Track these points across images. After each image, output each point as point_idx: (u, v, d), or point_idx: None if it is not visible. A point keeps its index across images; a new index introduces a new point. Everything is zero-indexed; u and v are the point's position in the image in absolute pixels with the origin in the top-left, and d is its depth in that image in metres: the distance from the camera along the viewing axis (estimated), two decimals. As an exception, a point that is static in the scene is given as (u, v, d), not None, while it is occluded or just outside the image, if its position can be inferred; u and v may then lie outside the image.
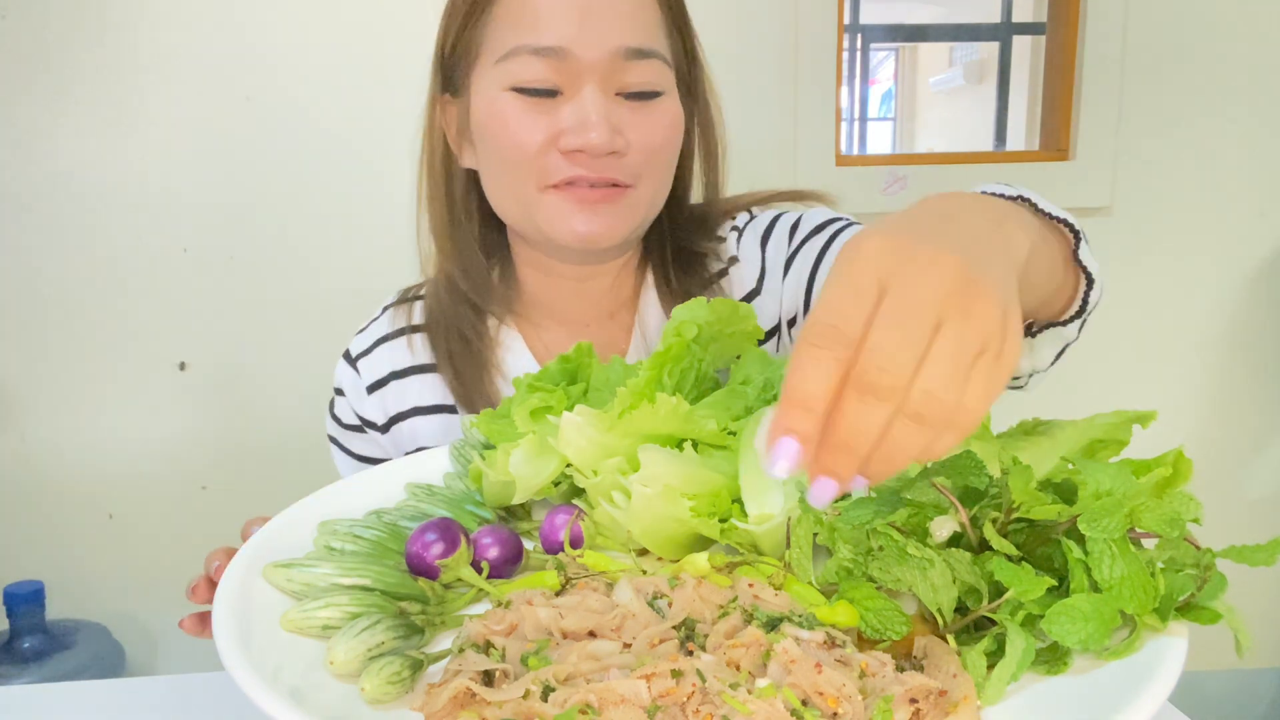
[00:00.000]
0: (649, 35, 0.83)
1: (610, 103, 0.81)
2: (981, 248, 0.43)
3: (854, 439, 0.39)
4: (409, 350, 0.96)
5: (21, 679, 1.67)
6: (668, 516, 0.59)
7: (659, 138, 0.83)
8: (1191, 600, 0.48)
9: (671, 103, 0.85)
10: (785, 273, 0.93)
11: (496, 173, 0.86)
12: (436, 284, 0.96)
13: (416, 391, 0.95)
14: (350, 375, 0.98)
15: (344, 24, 1.78)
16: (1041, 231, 0.54)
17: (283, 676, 0.48)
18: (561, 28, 0.79)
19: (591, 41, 0.79)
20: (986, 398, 0.39)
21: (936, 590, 0.49)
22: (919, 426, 0.39)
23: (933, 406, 0.38)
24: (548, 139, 0.81)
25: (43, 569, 1.84)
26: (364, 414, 0.97)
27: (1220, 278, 2.02)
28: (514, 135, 0.81)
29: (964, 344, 0.39)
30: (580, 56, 0.79)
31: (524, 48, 0.80)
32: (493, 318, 0.95)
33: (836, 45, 1.85)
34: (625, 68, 0.81)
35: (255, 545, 0.60)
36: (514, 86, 0.81)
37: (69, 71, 1.75)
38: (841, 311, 0.39)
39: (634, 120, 0.82)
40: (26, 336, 1.82)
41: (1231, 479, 2.12)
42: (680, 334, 0.71)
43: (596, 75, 0.80)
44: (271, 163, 1.81)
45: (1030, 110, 2.17)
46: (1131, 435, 0.61)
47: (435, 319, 0.95)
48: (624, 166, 0.82)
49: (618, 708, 0.42)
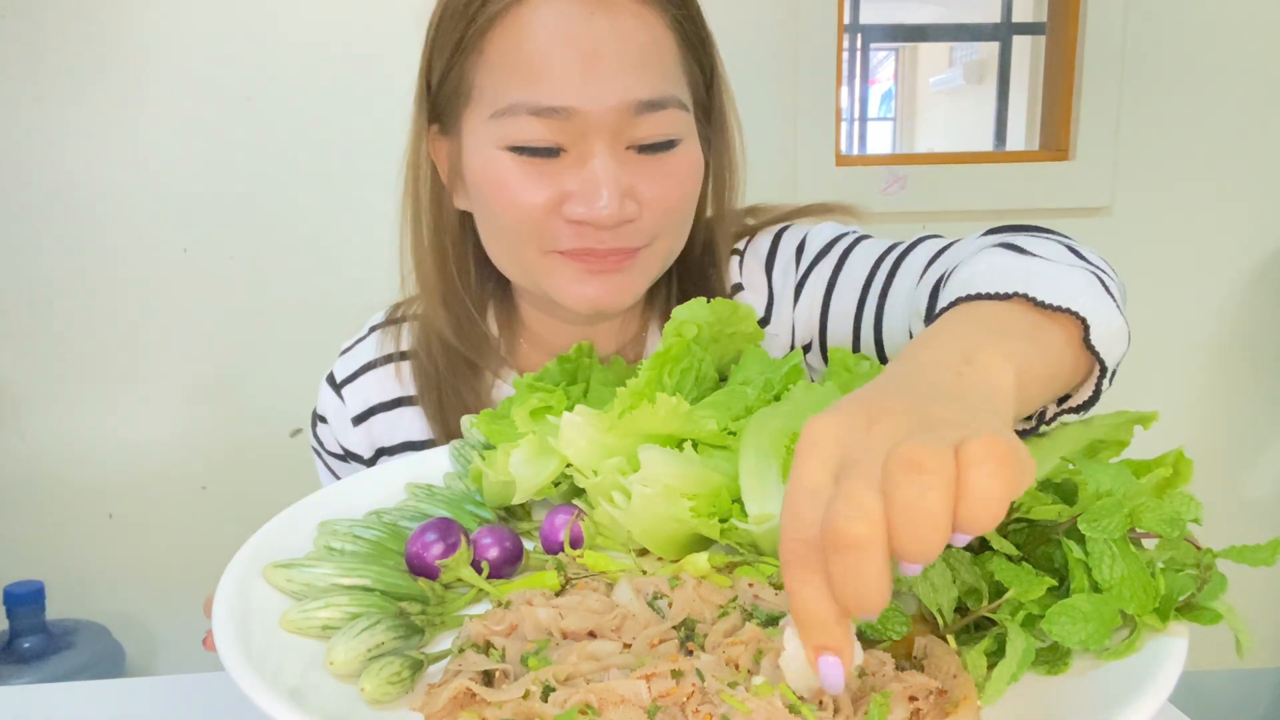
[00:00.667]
0: (664, 81, 0.74)
1: (620, 162, 0.73)
2: (942, 401, 0.42)
3: (848, 598, 0.36)
4: (397, 380, 0.89)
5: (21, 679, 1.67)
6: (668, 516, 0.59)
7: (676, 193, 0.76)
8: (1192, 600, 0.48)
9: (690, 148, 0.77)
10: (796, 300, 0.86)
11: (493, 231, 0.79)
12: (428, 342, 0.87)
13: (409, 424, 0.88)
14: (335, 403, 0.91)
15: (344, 24, 1.78)
16: (1035, 334, 0.52)
17: (283, 677, 0.48)
18: (564, 84, 0.70)
19: (598, 97, 0.70)
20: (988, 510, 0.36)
21: (936, 590, 0.49)
22: (912, 542, 0.35)
23: (923, 517, 0.35)
24: (550, 202, 0.73)
25: (43, 569, 1.84)
26: (348, 445, 0.91)
27: (1220, 278, 2.02)
28: (513, 198, 0.73)
29: (916, 485, 0.35)
30: (586, 114, 0.70)
31: (522, 106, 0.71)
32: (489, 372, 0.87)
33: (836, 45, 1.85)
34: (636, 122, 0.72)
35: (255, 545, 0.60)
36: (512, 146, 0.73)
37: (69, 71, 1.75)
38: (805, 521, 0.37)
39: (648, 177, 0.74)
40: (27, 336, 1.82)
41: (1231, 479, 2.12)
42: (680, 334, 0.71)
43: (605, 133, 0.71)
44: (271, 163, 1.81)
45: (1030, 110, 2.17)
46: (1132, 436, 0.61)
47: (429, 381, 0.87)
48: (636, 231, 0.75)
49: (618, 708, 0.42)
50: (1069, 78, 1.93)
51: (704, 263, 0.88)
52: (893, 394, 0.42)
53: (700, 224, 0.87)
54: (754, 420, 0.63)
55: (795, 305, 0.86)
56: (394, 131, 0.91)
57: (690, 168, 0.77)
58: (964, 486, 0.35)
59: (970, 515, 0.36)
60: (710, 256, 0.88)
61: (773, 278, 0.88)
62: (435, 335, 0.87)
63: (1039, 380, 0.51)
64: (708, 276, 0.88)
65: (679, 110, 0.75)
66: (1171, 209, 1.98)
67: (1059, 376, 0.54)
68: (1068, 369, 0.54)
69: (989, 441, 0.36)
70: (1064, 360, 0.53)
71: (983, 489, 0.35)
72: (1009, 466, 0.36)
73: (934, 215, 1.95)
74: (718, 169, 0.86)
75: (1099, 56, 1.89)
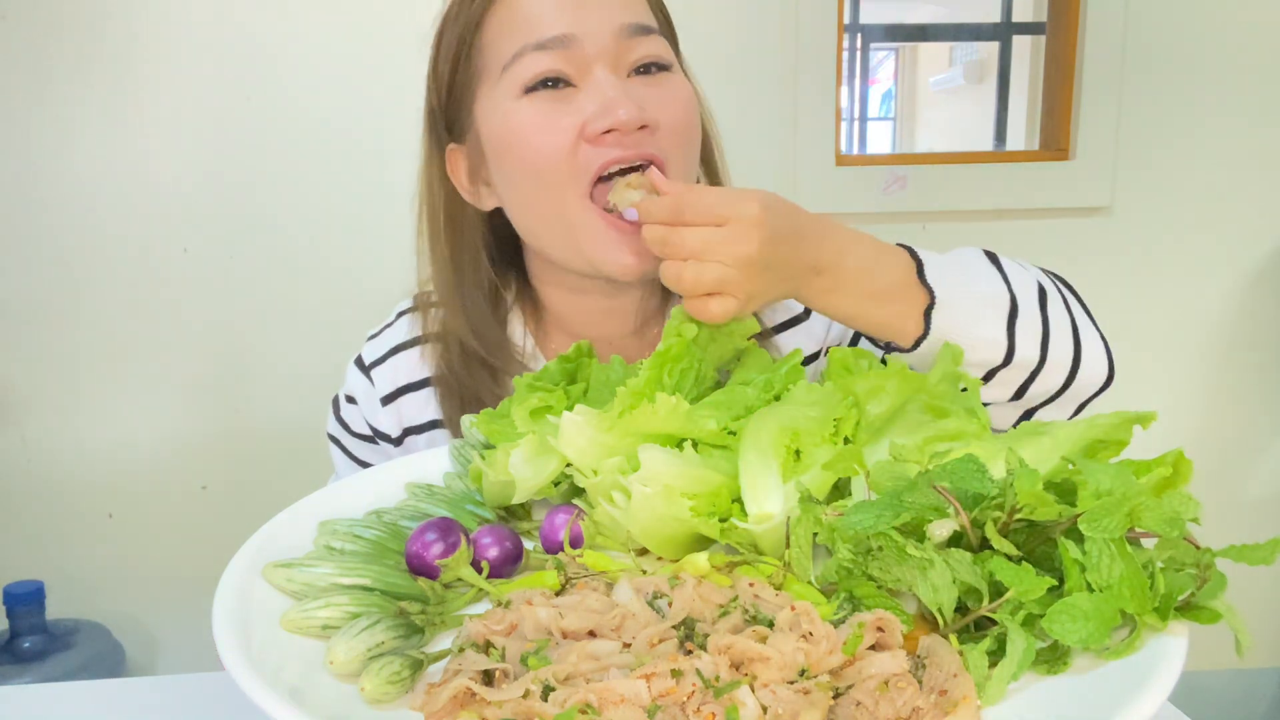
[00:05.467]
0: (646, 13, 0.82)
1: (626, 81, 0.80)
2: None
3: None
4: (423, 360, 0.93)
5: (21, 679, 1.67)
6: (668, 516, 0.59)
7: (681, 111, 0.82)
8: (1191, 600, 0.48)
9: (682, 79, 0.84)
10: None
11: (529, 191, 0.82)
12: (447, 345, 0.92)
13: (436, 404, 0.92)
14: (364, 384, 0.94)
15: (344, 23, 1.78)
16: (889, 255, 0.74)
17: (283, 676, 0.48)
18: (561, 16, 0.78)
19: (593, 25, 0.78)
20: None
21: (937, 590, 0.49)
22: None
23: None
24: (574, 133, 0.78)
25: (43, 569, 1.84)
26: (377, 425, 0.94)
27: (1220, 277, 2.02)
28: (539, 139, 0.79)
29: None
30: (585, 41, 0.78)
31: (527, 46, 0.78)
32: (509, 376, 0.90)
33: (836, 45, 1.85)
34: (631, 45, 0.80)
35: (255, 545, 0.60)
36: (526, 87, 0.79)
37: (69, 72, 1.75)
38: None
39: (653, 95, 0.80)
40: (27, 336, 1.82)
41: (1231, 479, 2.12)
42: (680, 334, 0.71)
43: (606, 57, 0.79)
44: (272, 162, 1.81)
45: (1030, 110, 2.18)
46: (1131, 435, 0.61)
47: (449, 383, 0.91)
48: (657, 142, 0.80)
49: (618, 707, 0.42)
50: (1069, 78, 1.93)
51: None
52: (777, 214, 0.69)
53: None
54: (754, 420, 0.63)
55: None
56: (394, 131, 0.92)
57: (688, 94, 0.84)
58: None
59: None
60: None
61: None
62: (455, 339, 0.91)
63: (860, 263, 0.72)
64: None
65: (665, 39, 0.83)
66: (1171, 209, 1.98)
67: (888, 276, 0.73)
68: (902, 287, 0.73)
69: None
70: (896, 277, 0.73)
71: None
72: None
73: (934, 215, 1.95)
74: (704, 145, 0.90)
75: (1099, 56, 1.89)
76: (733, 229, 0.67)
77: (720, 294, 0.68)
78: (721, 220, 0.68)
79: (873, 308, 0.73)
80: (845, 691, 0.45)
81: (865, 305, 0.73)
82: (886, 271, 0.73)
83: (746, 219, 0.67)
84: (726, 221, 0.68)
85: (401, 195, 0.96)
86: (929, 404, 0.66)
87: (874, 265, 0.72)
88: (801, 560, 0.56)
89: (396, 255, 0.98)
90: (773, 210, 0.68)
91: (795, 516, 0.56)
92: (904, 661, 0.46)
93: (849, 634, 0.47)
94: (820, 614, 0.49)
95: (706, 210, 0.68)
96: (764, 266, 0.68)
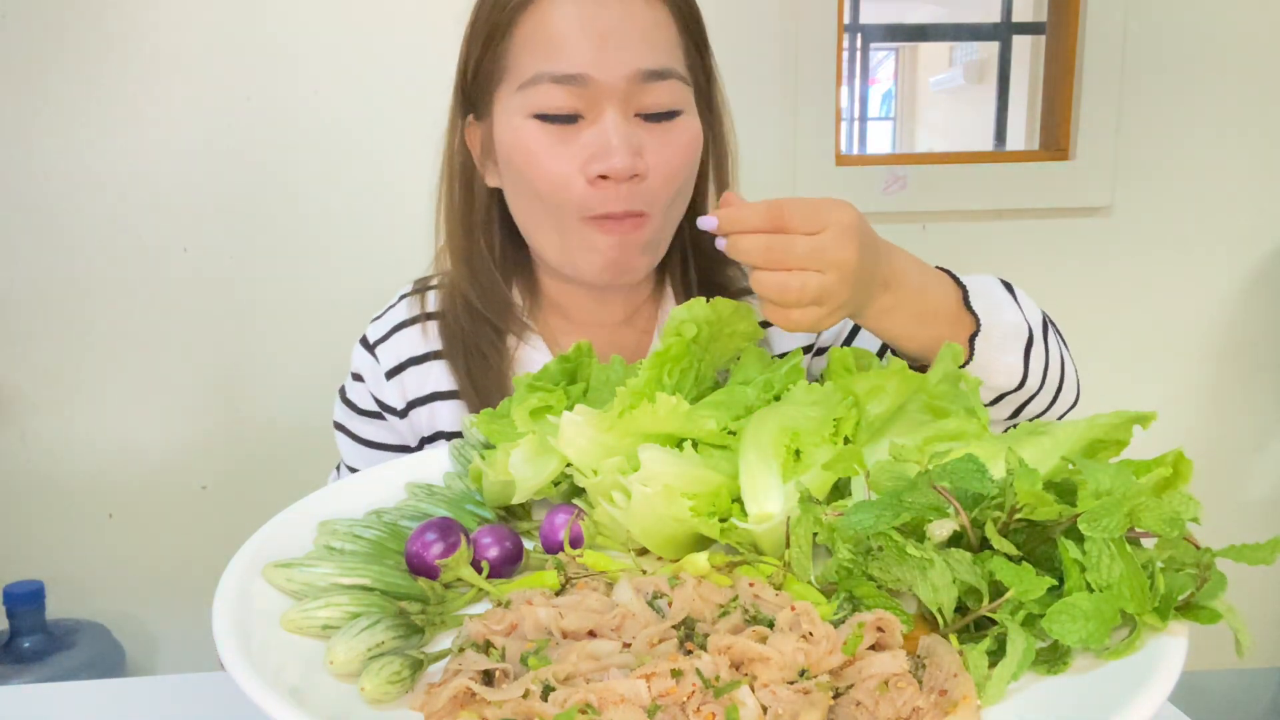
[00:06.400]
0: (667, 55, 0.84)
1: (630, 125, 0.82)
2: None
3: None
4: (424, 337, 0.97)
5: (21, 679, 1.67)
6: (668, 516, 0.59)
7: (677, 160, 0.84)
8: (1191, 600, 0.48)
9: (690, 120, 0.86)
10: None
11: (527, 201, 0.86)
12: (454, 304, 0.96)
13: (436, 377, 0.96)
14: (369, 361, 0.98)
15: (344, 24, 1.77)
16: (935, 281, 0.77)
17: (283, 676, 0.48)
18: (581, 54, 0.80)
19: (610, 66, 0.80)
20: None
21: (936, 590, 0.49)
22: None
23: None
24: (575, 167, 0.82)
25: (43, 569, 1.84)
26: (383, 399, 0.97)
27: (1220, 278, 2.02)
28: (543, 168, 0.82)
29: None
30: (600, 82, 0.80)
31: (545, 75, 0.81)
32: (512, 335, 0.95)
33: (836, 45, 1.85)
34: (643, 90, 0.82)
35: (255, 545, 0.60)
36: (536, 114, 0.82)
37: (69, 72, 1.75)
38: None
39: (653, 143, 0.83)
40: (27, 336, 1.82)
41: (1231, 479, 2.12)
42: (680, 334, 0.71)
43: (616, 99, 0.81)
44: (272, 163, 1.81)
45: (1030, 110, 2.17)
46: (1131, 435, 0.61)
47: (454, 340, 0.95)
48: (644, 193, 0.83)
49: (618, 707, 0.42)
50: (1069, 78, 1.93)
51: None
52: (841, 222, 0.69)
53: (706, 209, 0.95)
54: (754, 420, 0.63)
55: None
56: (395, 130, 0.92)
57: (691, 138, 0.86)
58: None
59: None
60: None
61: None
62: (461, 298, 0.95)
63: (916, 285, 0.74)
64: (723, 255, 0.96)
65: (679, 83, 0.84)
66: (1171, 209, 1.98)
67: (938, 298, 0.76)
68: (950, 311, 0.76)
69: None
70: (945, 300, 0.76)
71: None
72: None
73: (934, 215, 1.95)
74: (718, 157, 0.95)
75: (1099, 56, 1.89)
76: (833, 235, 0.66)
77: (812, 303, 0.67)
78: (821, 226, 0.67)
79: (921, 329, 0.75)
80: (845, 691, 0.45)
81: (916, 326, 0.75)
82: (936, 294, 0.75)
83: (844, 224, 0.67)
84: (825, 228, 0.67)
85: (402, 195, 0.97)
86: (929, 404, 0.66)
87: (926, 287, 0.75)
88: (801, 560, 0.56)
89: (397, 254, 0.98)
90: (861, 217, 0.69)
91: (795, 516, 0.56)
92: (904, 661, 0.46)
93: (849, 634, 0.47)
94: (820, 614, 0.49)
95: (807, 217, 0.67)
96: (856, 276, 0.68)
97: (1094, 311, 1.98)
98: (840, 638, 0.47)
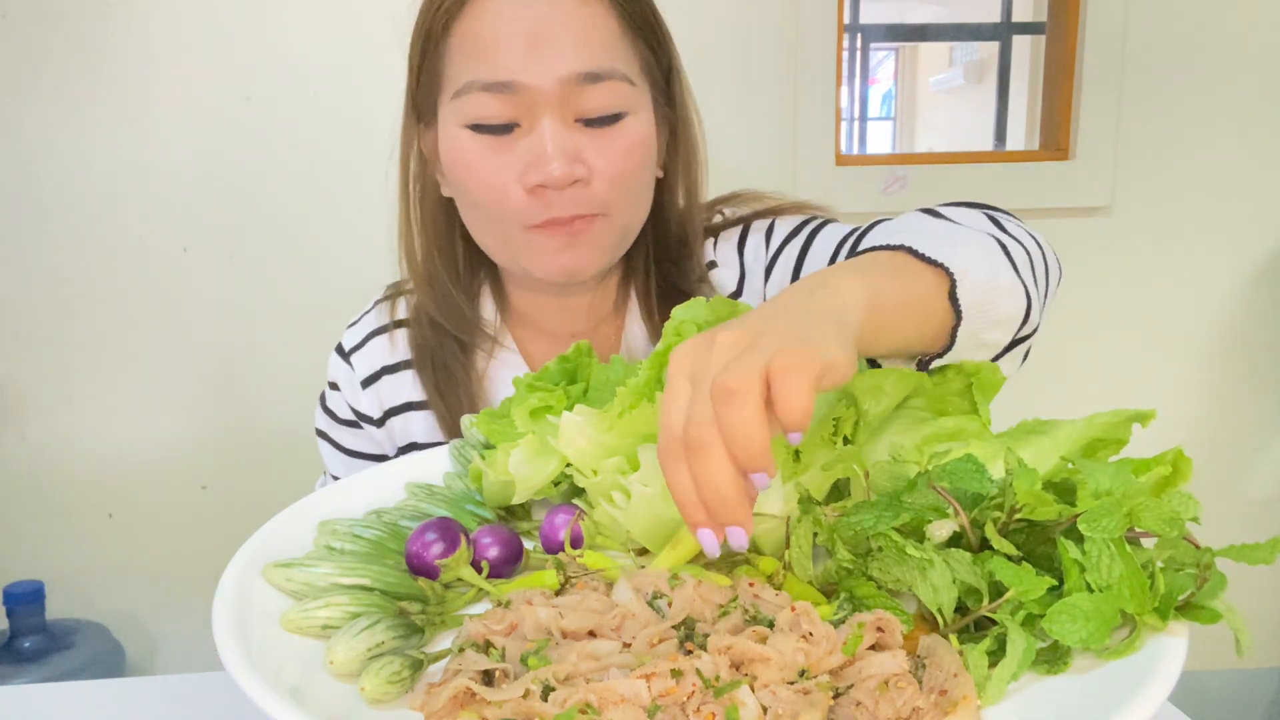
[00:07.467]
0: (605, 55, 0.79)
1: (569, 131, 0.78)
2: (785, 317, 0.50)
3: (706, 492, 0.46)
4: (391, 346, 0.95)
5: (21, 679, 1.67)
6: (668, 516, 0.59)
7: (623, 162, 0.80)
8: (1191, 599, 0.48)
9: (636, 122, 0.82)
10: (766, 279, 0.91)
11: (471, 210, 0.85)
12: (419, 317, 0.94)
13: (410, 386, 0.94)
14: (344, 369, 0.97)
15: (344, 24, 1.78)
16: (903, 275, 0.59)
17: (283, 676, 0.48)
18: (509, 60, 0.77)
19: (541, 71, 0.76)
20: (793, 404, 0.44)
21: (936, 590, 0.49)
22: (738, 453, 0.44)
23: (738, 435, 0.44)
24: (512, 177, 0.79)
25: (43, 569, 1.84)
26: (359, 408, 0.96)
27: (1220, 277, 2.02)
28: (480, 178, 0.80)
29: (723, 390, 0.44)
30: (531, 87, 0.77)
31: (475, 84, 0.78)
32: (480, 350, 0.93)
33: (836, 45, 1.85)
34: (581, 93, 0.78)
35: (255, 545, 0.60)
36: (470, 124, 0.79)
37: (69, 72, 1.75)
38: (672, 420, 0.47)
39: (595, 146, 0.79)
40: (27, 336, 1.82)
41: (1231, 479, 2.12)
42: (679, 333, 0.71)
43: (552, 105, 0.77)
44: (272, 163, 1.81)
45: (1030, 110, 2.17)
46: (1131, 434, 0.61)
47: (422, 350, 0.93)
48: (590, 196, 0.80)
49: (618, 707, 0.42)
50: (1069, 78, 1.93)
51: (680, 249, 0.93)
52: (749, 316, 0.51)
53: (674, 214, 0.92)
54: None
55: (766, 283, 0.91)
56: (394, 131, 0.92)
57: (638, 140, 0.82)
58: (773, 396, 0.44)
59: (784, 418, 0.44)
60: (684, 246, 0.93)
61: (744, 255, 0.93)
62: (425, 314, 0.94)
63: (897, 308, 0.57)
64: (684, 258, 0.93)
65: (623, 83, 0.80)
66: (1171, 209, 1.98)
67: (921, 312, 0.60)
68: (935, 313, 0.60)
69: (787, 353, 0.44)
70: (927, 301, 0.60)
71: (786, 394, 0.43)
72: (808, 371, 0.44)
73: (934, 215, 1.94)
74: (686, 155, 0.90)
75: (1099, 56, 1.89)
76: (717, 352, 0.48)
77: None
78: (709, 371, 0.48)
79: (921, 327, 0.61)
80: (845, 691, 0.45)
81: (916, 328, 0.60)
82: (914, 289, 0.60)
83: (708, 340, 0.50)
84: (709, 368, 0.48)
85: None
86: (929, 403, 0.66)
87: (889, 276, 0.58)
88: (801, 560, 0.56)
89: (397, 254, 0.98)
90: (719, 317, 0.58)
91: (795, 516, 0.56)
92: (904, 661, 0.46)
93: (849, 634, 0.47)
94: (820, 614, 0.49)
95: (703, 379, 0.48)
96: (780, 321, 0.50)
97: (1094, 311, 1.98)
98: (840, 638, 0.47)
